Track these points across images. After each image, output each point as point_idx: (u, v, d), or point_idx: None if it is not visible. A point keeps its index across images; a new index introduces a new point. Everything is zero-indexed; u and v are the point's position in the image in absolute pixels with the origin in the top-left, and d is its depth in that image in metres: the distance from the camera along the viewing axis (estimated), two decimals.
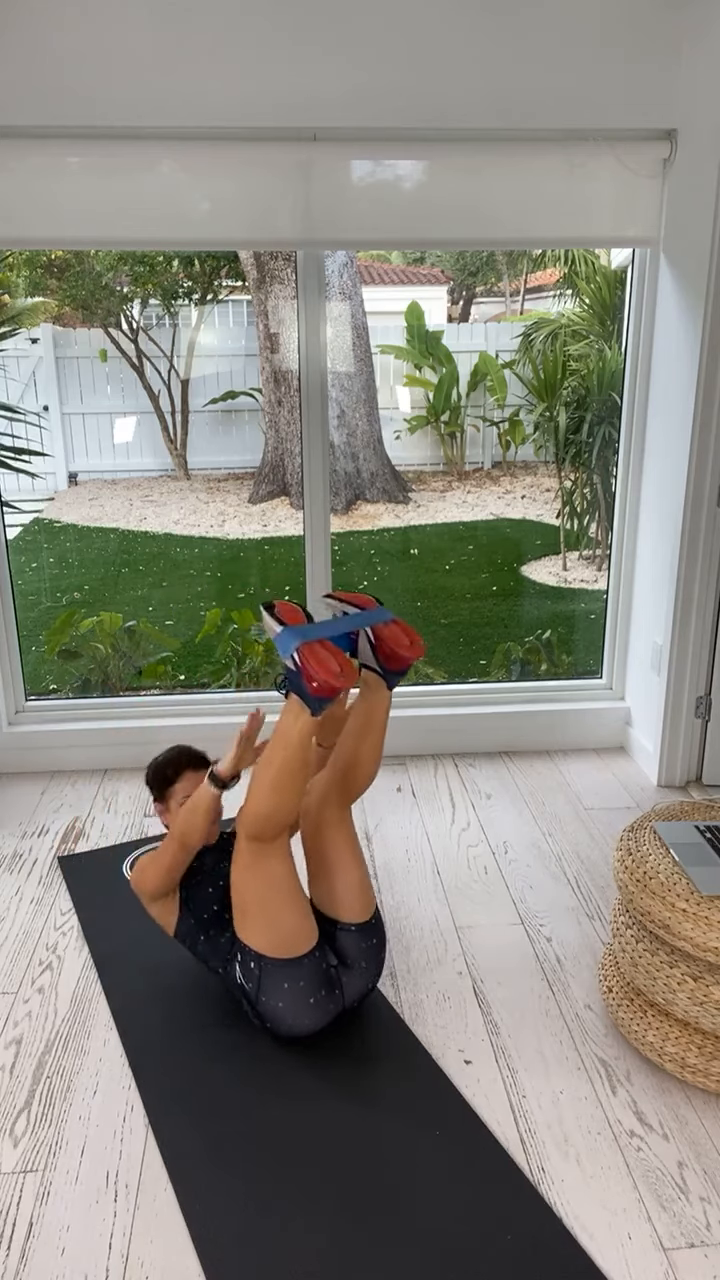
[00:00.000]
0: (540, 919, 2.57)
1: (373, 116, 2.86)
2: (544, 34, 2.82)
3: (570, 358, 4.73)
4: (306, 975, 1.99)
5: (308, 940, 2.00)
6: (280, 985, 1.98)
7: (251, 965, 2.00)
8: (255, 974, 2.00)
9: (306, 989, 1.98)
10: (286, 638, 1.90)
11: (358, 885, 2.11)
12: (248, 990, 2.03)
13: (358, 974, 2.08)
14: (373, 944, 2.11)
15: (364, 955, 2.09)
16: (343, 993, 2.06)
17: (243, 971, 2.03)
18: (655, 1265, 1.61)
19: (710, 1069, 1.92)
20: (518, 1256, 1.62)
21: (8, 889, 2.74)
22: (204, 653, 4.48)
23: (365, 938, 2.10)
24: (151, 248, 4.74)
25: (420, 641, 2.05)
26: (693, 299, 2.92)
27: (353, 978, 2.08)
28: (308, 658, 1.84)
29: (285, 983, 1.98)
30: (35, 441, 4.98)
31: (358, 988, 2.09)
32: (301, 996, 1.98)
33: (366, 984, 2.11)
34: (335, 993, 2.04)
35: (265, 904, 1.97)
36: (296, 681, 1.88)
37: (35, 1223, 1.70)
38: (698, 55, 2.82)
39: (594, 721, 3.59)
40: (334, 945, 2.09)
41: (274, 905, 1.98)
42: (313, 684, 1.83)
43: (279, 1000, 1.99)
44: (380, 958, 2.13)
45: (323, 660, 1.83)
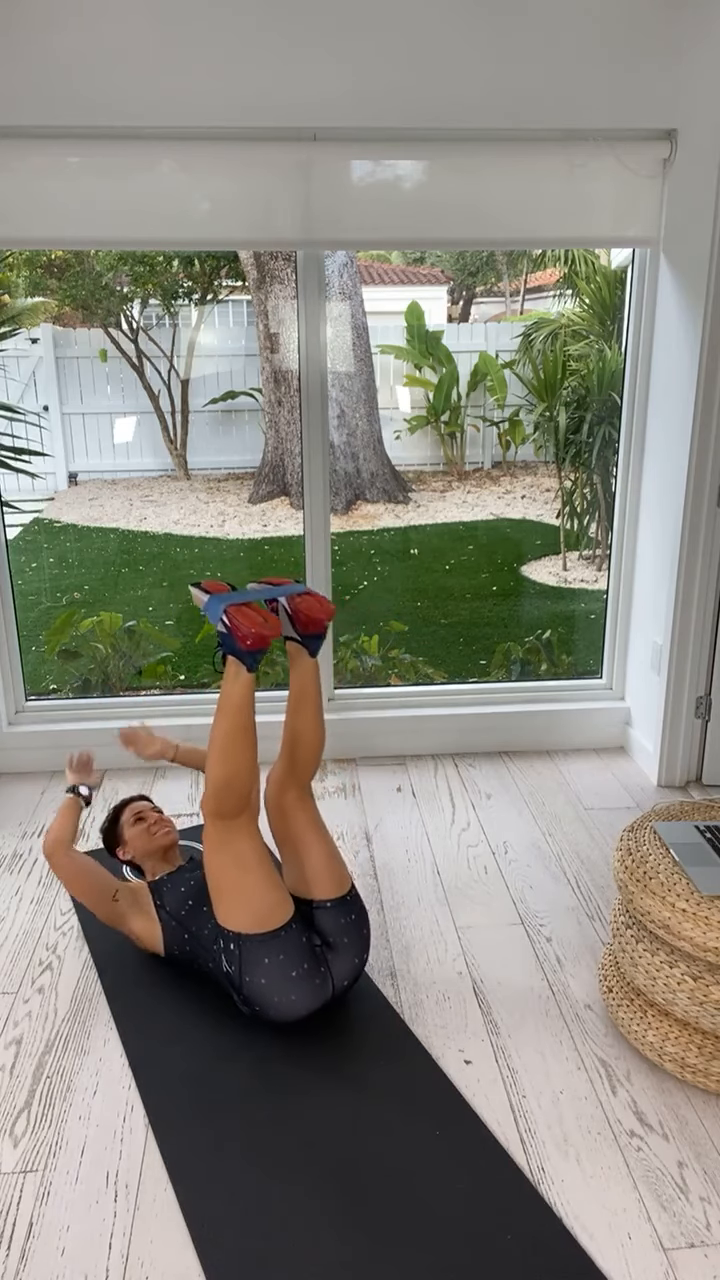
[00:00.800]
0: (540, 919, 2.57)
1: (373, 116, 2.86)
2: (544, 34, 2.82)
3: (570, 358, 4.73)
4: (285, 948, 2.02)
5: (283, 912, 2.05)
6: (261, 961, 2.01)
7: (232, 947, 2.04)
8: (236, 955, 2.03)
9: (287, 962, 2.01)
10: (214, 604, 2.09)
11: (325, 861, 2.17)
12: (232, 975, 2.05)
13: (342, 952, 2.11)
14: (351, 919, 2.14)
15: (344, 931, 2.12)
16: (330, 972, 2.08)
17: (226, 958, 2.06)
18: (655, 1265, 1.61)
19: (710, 1069, 1.92)
20: (518, 1256, 1.62)
21: (8, 889, 2.74)
22: (204, 653, 4.48)
23: (343, 913, 2.14)
24: (151, 248, 4.74)
25: (329, 603, 2.24)
26: (693, 299, 2.92)
27: (338, 956, 2.10)
28: (235, 616, 2.02)
29: (265, 958, 2.01)
30: (35, 441, 4.98)
31: (345, 967, 2.11)
32: (283, 970, 2.01)
33: (353, 960, 2.13)
34: (321, 969, 2.06)
35: (237, 882, 2.04)
36: (230, 642, 2.04)
37: (35, 1223, 1.70)
38: (698, 55, 2.82)
39: (594, 721, 3.59)
40: (314, 926, 2.13)
41: (245, 881, 2.04)
42: (246, 640, 2.00)
43: (261, 977, 2.01)
44: (363, 934, 2.16)
45: (248, 616, 2.02)
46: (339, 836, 3.00)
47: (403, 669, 4.22)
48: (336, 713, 3.52)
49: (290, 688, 2.26)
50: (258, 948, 2.02)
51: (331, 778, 3.40)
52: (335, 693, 3.61)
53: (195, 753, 2.62)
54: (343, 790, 3.30)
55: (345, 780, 3.38)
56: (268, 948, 2.02)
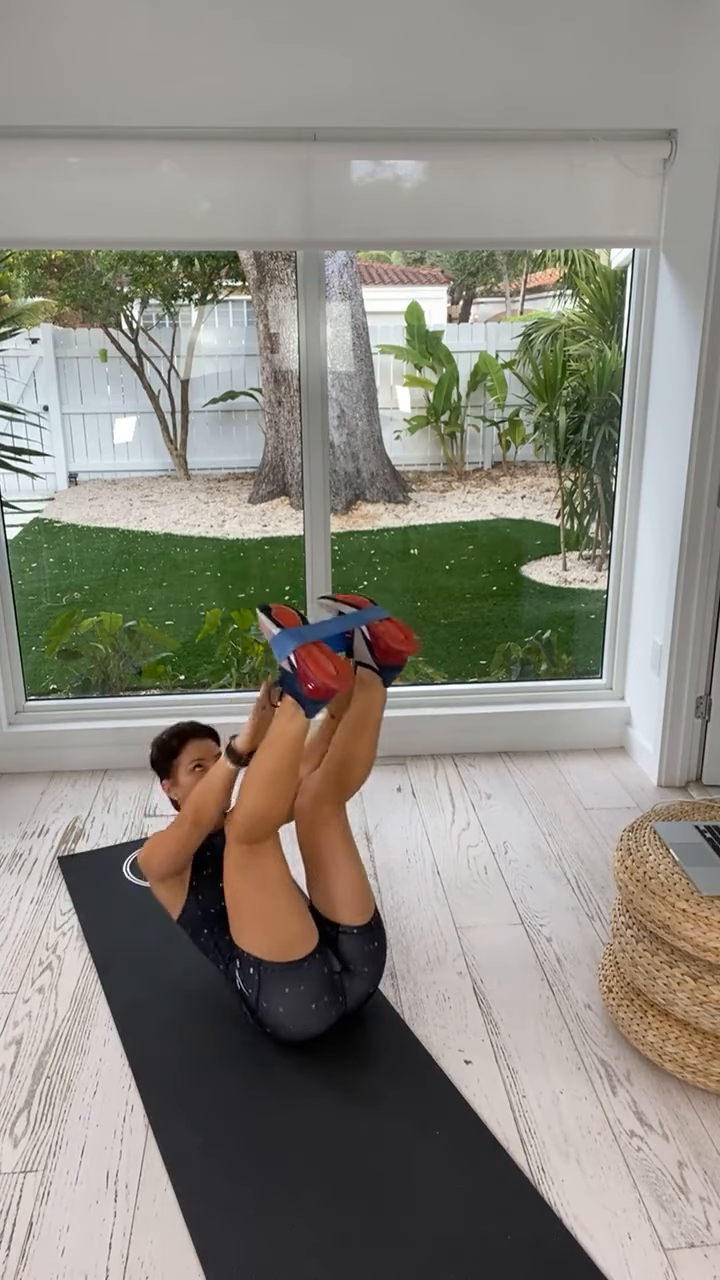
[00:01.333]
0: (540, 919, 2.57)
1: (373, 116, 2.86)
2: (544, 34, 2.83)
3: (570, 358, 4.73)
4: (308, 979, 1.97)
5: (308, 942, 1.98)
6: (281, 990, 1.96)
7: (251, 971, 1.98)
8: (255, 979, 1.98)
9: (308, 994, 1.96)
10: (283, 640, 1.90)
11: (356, 885, 2.09)
12: (248, 997, 2.01)
13: (360, 978, 2.07)
14: (374, 946, 2.10)
15: (366, 959, 2.08)
16: (345, 998, 2.05)
17: (242, 978, 2.01)
18: (655, 1265, 1.61)
19: (710, 1069, 1.92)
20: (518, 1256, 1.62)
21: (8, 889, 2.74)
22: (204, 653, 4.48)
23: (367, 940, 2.09)
24: (151, 248, 4.74)
25: (414, 637, 2.07)
26: (693, 299, 2.92)
27: (355, 982, 2.06)
28: (304, 659, 1.85)
29: (286, 988, 1.96)
30: (35, 441, 4.98)
31: (359, 992, 2.08)
32: (303, 1002, 1.96)
33: (368, 987, 2.10)
34: (339, 999, 2.02)
35: (260, 907, 1.96)
36: (292, 683, 1.88)
37: (35, 1223, 1.70)
38: (698, 55, 2.82)
39: (594, 721, 3.59)
40: (336, 949, 2.07)
41: (269, 908, 1.96)
42: (309, 685, 1.83)
43: (280, 1006, 1.97)
44: (381, 960, 2.12)
45: (319, 662, 1.84)
46: None
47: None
48: None
49: (352, 707, 2.11)
50: (279, 977, 1.96)
51: None
52: None
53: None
54: None
55: None
56: (289, 978, 1.96)
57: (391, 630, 2.06)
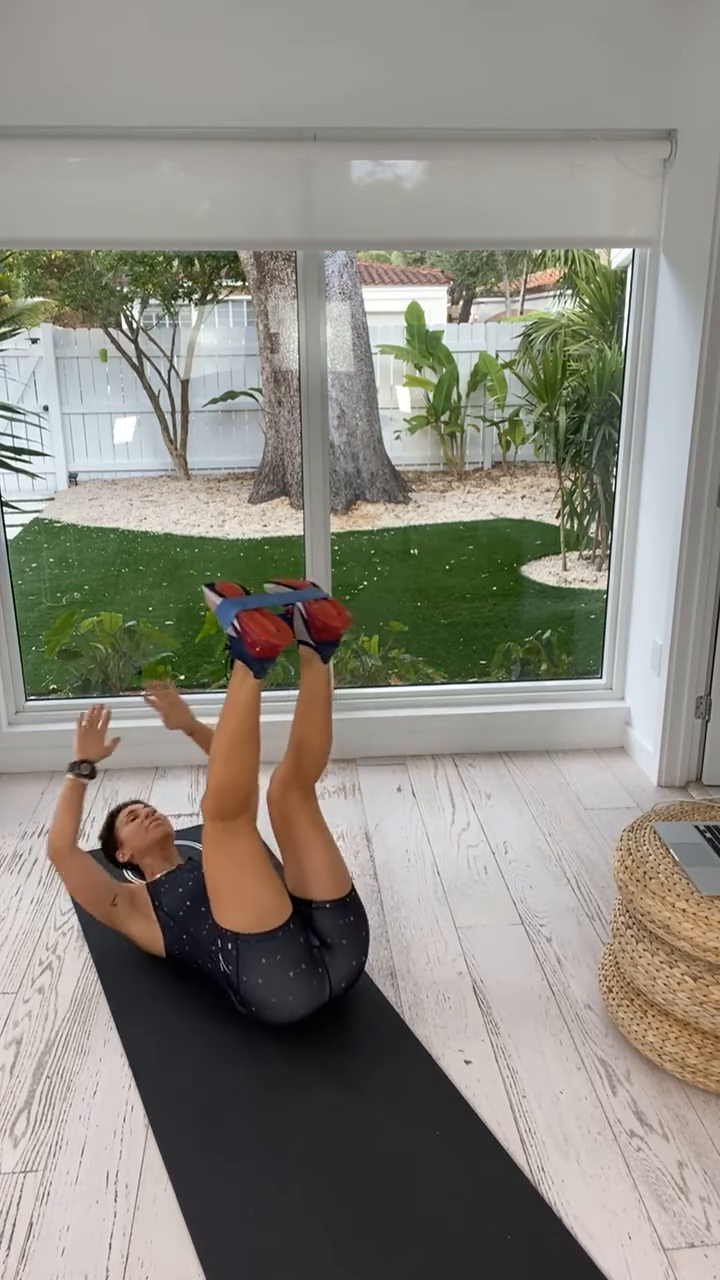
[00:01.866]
0: (540, 919, 2.57)
1: (373, 116, 2.86)
2: (544, 34, 2.83)
3: (570, 358, 4.73)
4: (283, 948, 2.02)
5: (280, 912, 2.05)
6: (258, 961, 2.01)
7: (229, 946, 2.04)
8: (234, 954, 2.03)
9: (284, 962, 2.01)
10: (226, 607, 2.07)
11: (326, 863, 2.17)
12: (229, 975, 2.05)
13: (340, 953, 2.11)
14: (350, 921, 2.14)
15: (343, 933, 2.12)
16: (328, 973, 2.08)
17: (224, 957, 2.06)
18: (655, 1265, 1.61)
19: (710, 1069, 1.92)
20: (518, 1256, 1.62)
21: (8, 889, 2.74)
22: (204, 653, 4.48)
23: (341, 914, 2.14)
24: (151, 248, 4.73)
25: (346, 612, 2.23)
26: (693, 299, 2.92)
27: (335, 958, 2.10)
28: (246, 623, 2.00)
29: (263, 958, 2.01)
30: (35, 441, 4.98)
31: (342, 969, 2.11)
32: (281, 971, 2.01)
33: (351, 962, 2.12)
34: (319, 970, 2.06)
35: (235, 882, 2.04)
36: (239, 647, 2.03)
37: (35, 1223, 1.70)
38: (698, 55, 2.82)
39: (594, 721, 3.59)
40: (312, 926, 2.13)
41: (244, 882, 2.04)
42: (255, 647, 1.99)
43: (259, 977, 2.01)
44: (361, 936, 2.15)
45: (259, 623, 2.00)
46: (339, 836, 3.00)
47: (403, 669, 4.22)
48: (337, 713, 3.52)
49: (300, 691, 2.26)
50: (255, 947, 2.02)
51: (331, 778, 3.40)
52: (336, 692, 3.61)
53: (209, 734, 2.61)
54: (343, 790, 3.31)
55: (345, 780, 3.38)
56: (265, 947, 2.02)
57: (326, 608, 2.22)
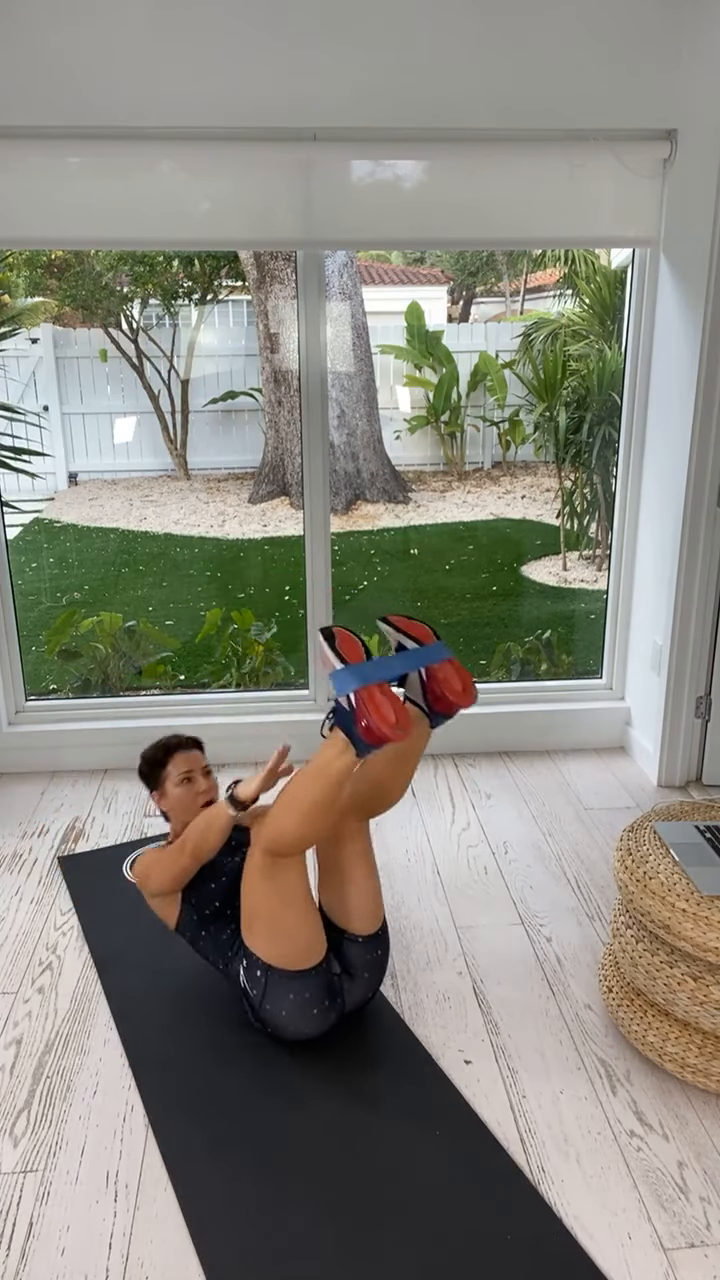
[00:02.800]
0: (540, 919, 2.57)
1: (373, 116, 2.86)
2: (544, 34, 2.82)
3: (570, 358, 4.73)
4: (313, 987, 1.99)
5: (317, 954, 2.00)
6: (286, 996, 1.98)
7: (258, 974, 2.00)
8: (261, 981, 1.99)
9: (311, 1000, 1.99)
10: (345, 677, 1.83)
11: (370, 899, 2.09)
12: (251, 996, 2.03)
13: (360, 983, 2.09)
14: (378, 955, 2.11)
15: (368, 966, 2.09)
16: (344, 1001, 2.07)
17: (248, 977, 2.02)
18: (655, 1265, 1.61)
19: (710, 1069, 1.92)
20: (518, 1256, 1.62)
21: (8, 889, 2.74)
22: (204, 653, 4.48)
23: (371, 949, 2.10)
24: (151, 248, 4.74)
25: (472, 688, 1.97)
26: (693, 299, 2.92)
27: (354, 986, 2.08)
28: (366, 703, 1.78)
29: (291, 994, 1.98)
30: (35, 441, 4.98)
31: (358, 996, 2.10)
32: (306, 1007, 1.99)
33: (367, 993, 2.11)
34: (338, 1001, 2.04)
35: (276, 916, 1.96)
36: (348, 721, 1.82)
37: (35, 1223, 1.70)
38: (698, 55, 2.82)
39: (594, 721, 3.59)
40: (339, 953, 2.09)
41: (285, 918, 1.96)
42: (367, 733, 1.78)
43: (282, 1009, 1.99)
44: (383, 967, 2.13)
45: (380, 709, 1.77)
46: None
47: None
48: None
49: None
50: (286, 983, 1.98)
51: None
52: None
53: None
54: None
55: None
56: (295, 984, 1.98)
57: (449, 677, 1.96)
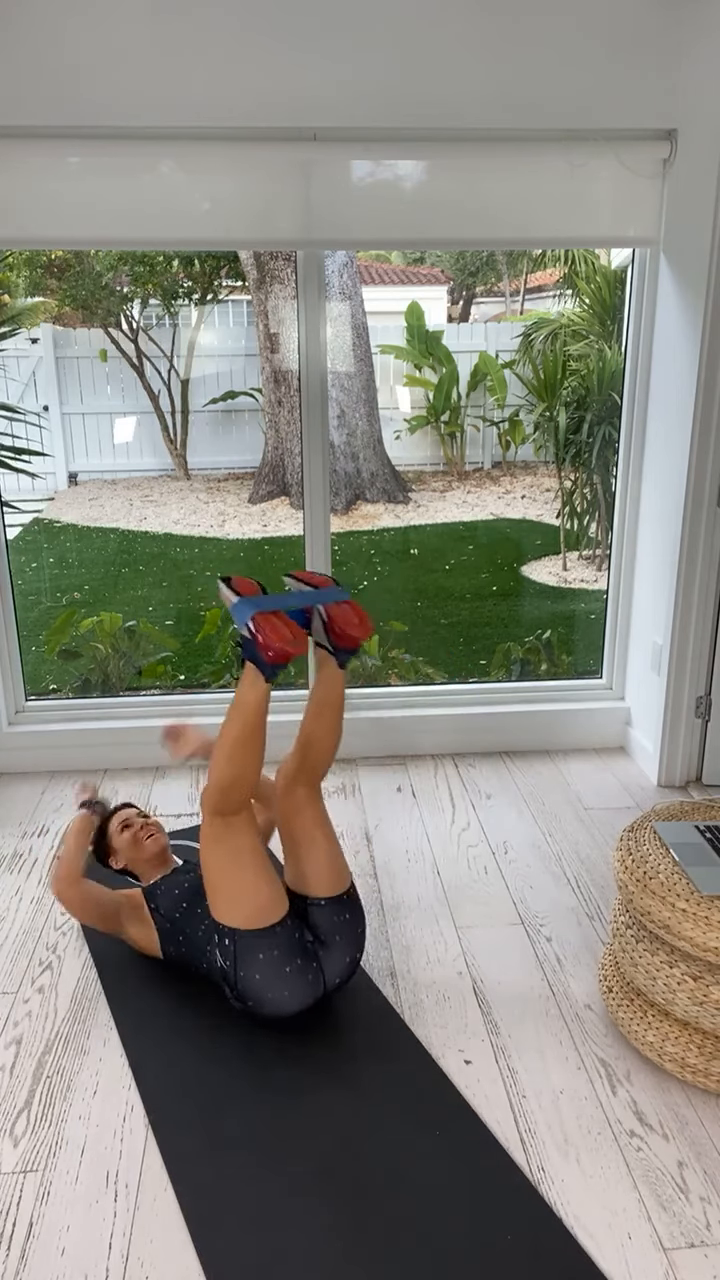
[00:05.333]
0: (540, 919, 2.57)
1: (373, 116, 2.86)
2: (544, 34, 2.82)
3: (570, 358, 4.73)
4: (280, 944, 2.02)
5: (277, 908, 2.05)
6: (255, 956, 2.01)
7: (226, 942, 2.04)
8: (231, 950, 2.03)
9: (281, 958, 2.02)
10: (242, 608, 2.00)
11: (325, 859, 2.15)
12: (226, 970, 2.05)
13: (334, 949, 2.10)
14: (345, 919, 2.13)
15: (337, 929, 2.12)
16: (322, 969, 2.08)
17: (220, 953, 2.06)
18: (655, 1265, 1.61)
19: (710, 1069, 1.92)
20: (518, 1256, 1.62)
21: (8, 889, 2.74)
22: (204, 653, 4.48)
23: (337, 912, 2.13)
24: (151, 248, 4.74)
25: (369, 622, 2.13)
26: (693, 299, 2.92)
27: (330, 954, 2.10)
28: (262, 626, 1.94)
29: (260, 953, 2.01)
30: (35, 441, 4.98)
31: (337, 965, 2.11)
32: (277, 966, 2.01)
33: (345, 959, 2.12)
34: (313, 965, 2.06)
35: (233, 877, 2.03)
36: (252, 649, 1.97)
37: (35, 1223, 1.70)
38: (698, 55, 2.82)
39: (594, 721, 3.59)
40: (308, 922, 2.12)
41: (241, 877, 2.03)
42: (268, 652, 1.93)
43: (255, 973, 2.02)
44: (356, 934, 2.15)
45: (276, 629, 1.94)
46: (339, 837, 2.99)
47: (403, 669, 4.22)
48: None
49: (313, 691, 2.20)
50: (252, 943, 2.02)
51: (331, 777, 3.39)
52: None
53: None
54: (343, 790, 3.30)
55: (345, 780, 3.38)
56: (262, 943, 2.02)
57: (347, 614, 2.12)
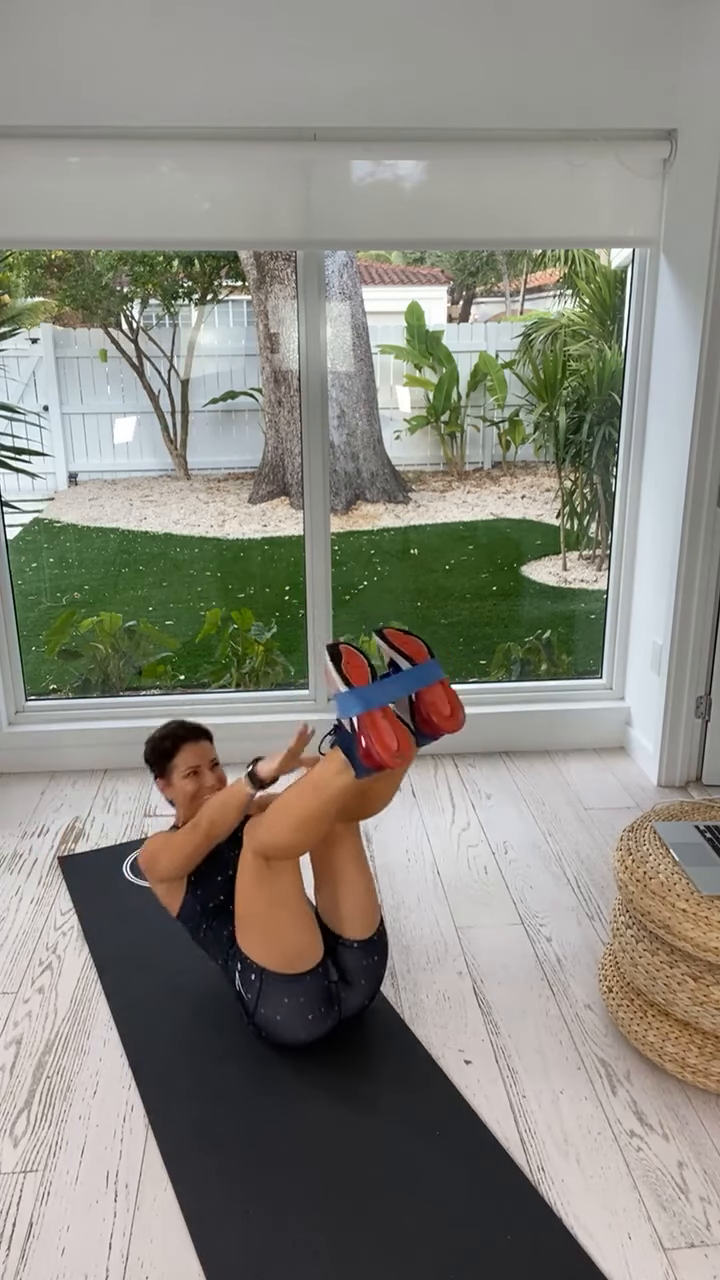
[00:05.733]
0: (540, 919, 2.57)
1: (373, 116, 2.86)
2: (544, 34, 2.82)
3: (570, 358, 4.73)
4: (307, 992, 1.98)
5: (312, 958, 1.99)
6: (280, 1000, 1.97)
7: (253, 977, 1.99)
8: (256, 985, 1.99)
9: (306, 1005, 1.98)
10: (349, 701, 1.83)
11: (362, 901, 2.08)
12: (247, 1001, 2.02)
13: (357, 991, 2.08)
14: (374, 960, 2.10)
15: (364, 973, 2.08)
16: (340, 1008, 2.06)
17: (243, 981, 2.02)
18: (655, 1265, 1.61)
19: (710, 1069, 1.92)
20: (517, 1256, 1.62)
21: (8, 889, 2.74)
22: (204, 653, 4.48)
23: (367, 954, 2.09)
24: (151, 248, 4.74)
25: (460, 713, 1.94)
26: (693, 299, 2.92)
27: (351, 994, 2.07)
28: (369, 729, 1.78)
29: (285, 998, 1.97)
30: (35, 441, 4.98)
31: (354, 1003, 2.09)
32: (300, 1012, 1.98)
33: (363, 1000, 2.10)
34: (334, 1009, 2.04)
35: (269, 920, 1.95)
36: (349, 744, 1.83)
37: (35, 1223, 1.70)
38: (698, 55, 2.82)
39: (594, 721, 3.59)
40: (335, 960, 2.08)
41: (278, 922, 1.96)
42: (367, 758, 1.79)
43: (277, 1014, 1.98)
44: (379, 974, 2.11)
45: (383, 736, 1.77)
46: None
47: None
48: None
49: None
50: (281, 987, 1.97)
51: None
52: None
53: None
54: None
55: None
56: (291, 988, 1.97)
57: (438, 700, 1.93)
